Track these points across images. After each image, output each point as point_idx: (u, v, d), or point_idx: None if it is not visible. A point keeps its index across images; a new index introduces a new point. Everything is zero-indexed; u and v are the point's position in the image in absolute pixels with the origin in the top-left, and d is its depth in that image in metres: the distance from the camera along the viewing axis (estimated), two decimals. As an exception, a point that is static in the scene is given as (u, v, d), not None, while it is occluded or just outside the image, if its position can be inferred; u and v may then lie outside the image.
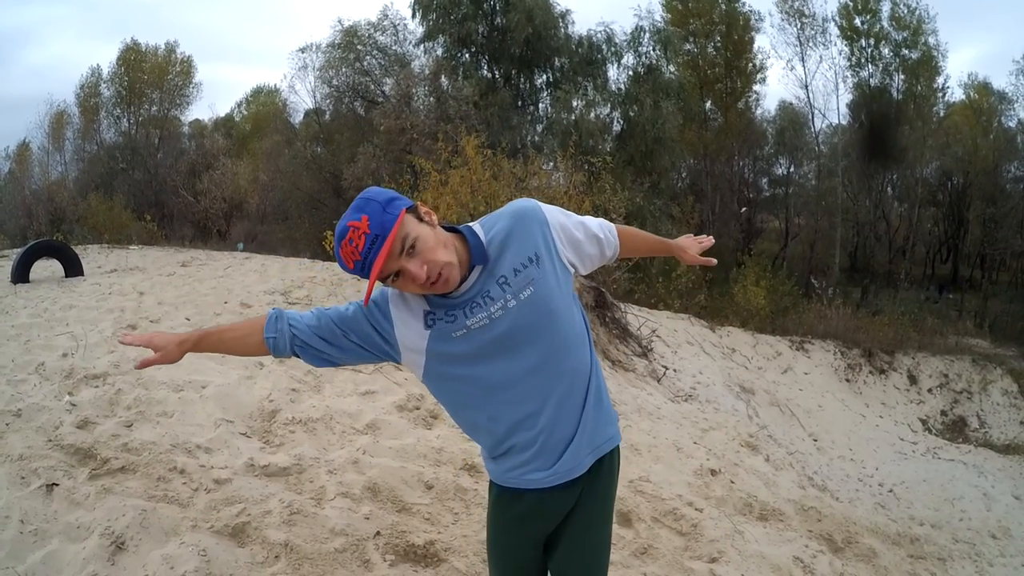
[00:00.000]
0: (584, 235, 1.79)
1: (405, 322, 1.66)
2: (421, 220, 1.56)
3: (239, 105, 42.30)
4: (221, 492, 3.11)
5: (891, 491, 8.22)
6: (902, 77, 27.88)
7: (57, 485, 2.92)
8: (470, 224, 1.71)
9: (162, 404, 3.93)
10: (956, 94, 30.81)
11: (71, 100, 32.37)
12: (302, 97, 34.31)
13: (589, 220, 1.85)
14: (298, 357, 1.75)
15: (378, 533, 3.03)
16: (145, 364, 1.68)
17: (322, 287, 7.46)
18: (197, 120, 36.35)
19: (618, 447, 1.86)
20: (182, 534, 2.75)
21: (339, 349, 1.71)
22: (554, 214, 1.72)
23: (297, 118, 28.03)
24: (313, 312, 1.75)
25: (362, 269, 1.50)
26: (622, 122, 21.29)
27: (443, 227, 1.63)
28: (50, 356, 4.73)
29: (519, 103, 21.46)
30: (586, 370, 1.72)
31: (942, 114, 29.59)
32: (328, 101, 24.28)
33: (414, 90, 19.97)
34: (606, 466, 1.81)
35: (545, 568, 1.90)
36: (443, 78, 20.33)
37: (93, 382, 4.19)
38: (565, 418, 1.68)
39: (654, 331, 9.41)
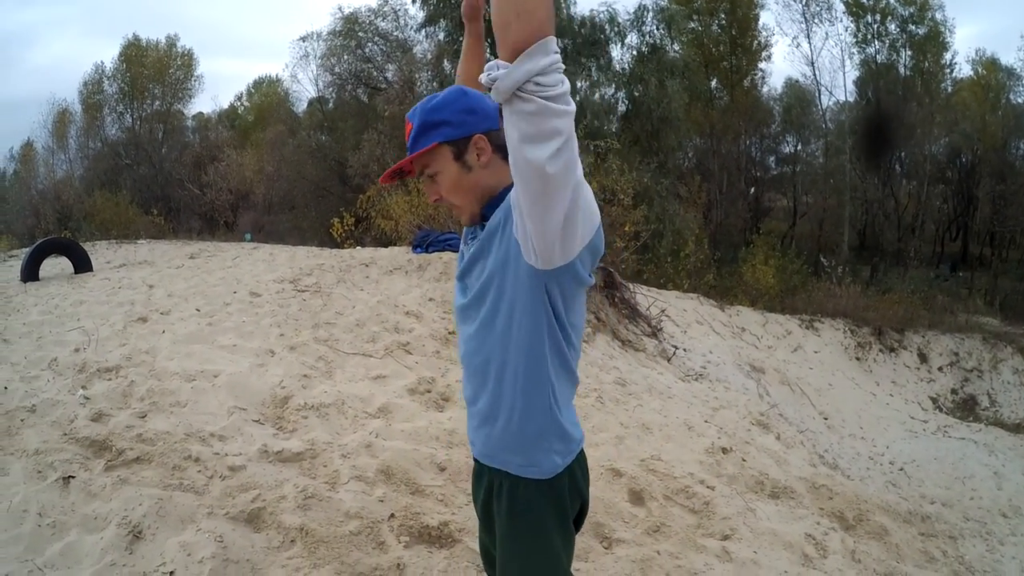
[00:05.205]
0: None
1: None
2: (459, 158, 1.53)
3: (241, 97, 42.31)
4: (236, 479, 3.13)
5: (902, 469, 8.21)
6: (909, 53, 27.60)
7: (73, 477, 2.94)
8: None
9: (175, 394, 3.95)
10: (964, 70, 30.58)
11: (73, 98, 32.52)
12: (304, 86, 34.39)
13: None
14: None
15: (392, 515, 3.05)
16: None
17: (331, 274, 7.46)
18: (200, 113, 36.41)
19: (528, 482, 1.55)
20: (198, 521, 2.77)
21: None
22: None
23: (300, 107, 28.07)
24: None
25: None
26: (627, 102, 21.17)
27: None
28: (62, 351, 4.75)
29: (523, 85, 21.33)
30: (507, 369, 1.52)
31: (950, 90, 29.29)
32: (331, 89, 24.28)
33: (417, 75, 19.94)
34: (502, 495, 1.59)
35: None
36: (445, 62, 20.26)
37: (106, 375, 4.21)
38: (483, 400, 1.58)
39: (663, 311, 9.40)
